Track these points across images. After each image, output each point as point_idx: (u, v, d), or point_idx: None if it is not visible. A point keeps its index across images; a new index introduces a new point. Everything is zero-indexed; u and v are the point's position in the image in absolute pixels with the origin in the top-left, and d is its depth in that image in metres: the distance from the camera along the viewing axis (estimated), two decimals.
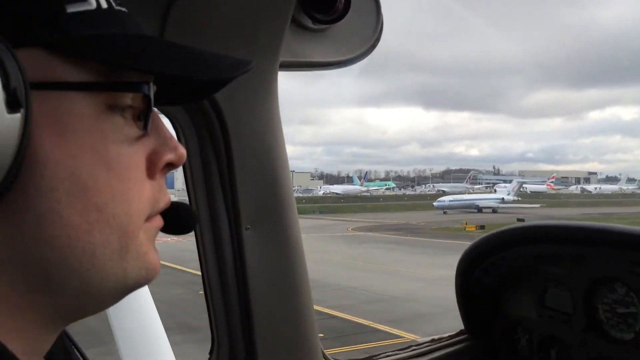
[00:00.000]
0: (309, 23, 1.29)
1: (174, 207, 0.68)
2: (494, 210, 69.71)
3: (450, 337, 1.77)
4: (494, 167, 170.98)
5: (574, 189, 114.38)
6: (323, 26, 1.32)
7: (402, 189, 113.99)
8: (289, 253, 1.35)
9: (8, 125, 0.48)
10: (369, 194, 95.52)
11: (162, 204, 0.65)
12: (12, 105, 0.49)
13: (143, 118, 0.59)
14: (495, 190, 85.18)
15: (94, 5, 0.58)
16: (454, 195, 79.73)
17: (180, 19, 1.13)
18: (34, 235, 0.54)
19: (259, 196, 1.31)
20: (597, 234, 1.41)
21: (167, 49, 0.63)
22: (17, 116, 0.49)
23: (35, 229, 0.54)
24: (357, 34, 1.41)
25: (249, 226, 1.30)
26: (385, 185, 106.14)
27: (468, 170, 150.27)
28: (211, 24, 1.17)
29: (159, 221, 0.65)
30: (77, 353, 0.76)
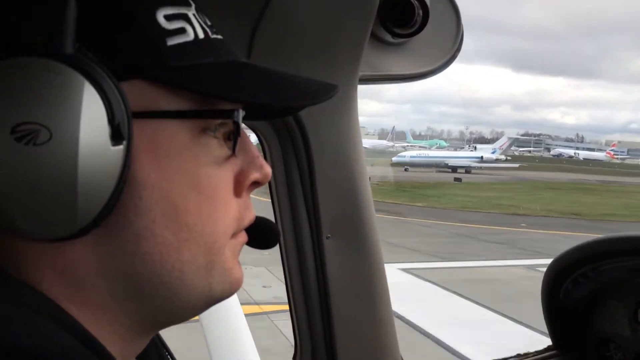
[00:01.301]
0: (388, 37, 1.32)
1: (258, 222, 0.72)
2: (467, 171, 62.71)
3: (538, 352, 1.72)
4: (577, 135, 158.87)
5: None
6: (402, 40, 1.33)
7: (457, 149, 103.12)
8: (368, 260, 1.38)
9: (112, 156, 0.54)
10: (394, 149, 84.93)
11: (247, 221, 0.69)
12: (116, 138, 0.54)
13: (232, 140, 0.63)
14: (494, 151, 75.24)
15: (192, 36, 0.62)
16: (420, 151, 70.18)
17: (265, 42, 1.19)
18: (131, 251, 0.59)
19: (339, 206, 1.35)
20: None
21: (257, 76, 0.67)
22: (120, 148, 0.54)
23: (133, 246, 0.59)
24: (437, 45, 1.41)
25: (329, 235, 1.35)
26: (437, 144, 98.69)
27: (538, 135, 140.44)
28: (293, 44, 1.23)
29: (243, 237, 0.69)
30: (169, 356, 0.82)
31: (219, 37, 0.67)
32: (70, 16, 0.53)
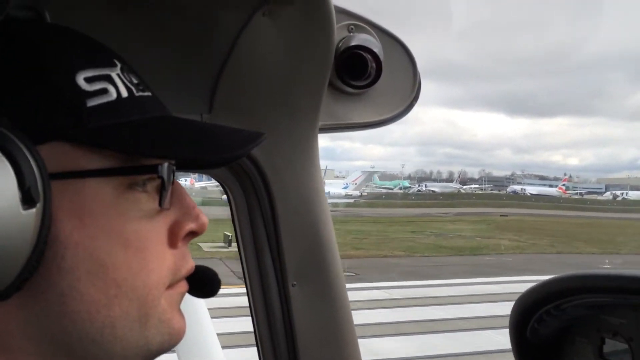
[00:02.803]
0: (346, 88, 1.36)
1: (199, 271, 0.73)
2: None
3: None
4: (564, 174, 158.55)
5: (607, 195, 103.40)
6: (360, 90, 1.38)
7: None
8: (335, 306, 1.39)
9: (25, 220, 0.54)
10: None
11: (185, 271, 0.69)
12: (27, 202, 0.54)
13: (162, 196, 0.64)
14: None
15: (114, 96, 0.63)
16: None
17: (227, 94, 1.23)
18: (58, 311, 0.59)
19: (304, 252, 1.37)
20: None
21: (181, 130, 0.69)
22: (32, 211, 0.54)
23: (58, 306, 0.59)
24: (395, 94, 1.47)
25: (295, 282, 1.37)
26: (399, 184, 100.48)
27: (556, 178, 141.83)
28: (255, 95, 1.27)
29: (182, 287, 0.70)
30: None
31: (147, 94, 0.69)
32: None
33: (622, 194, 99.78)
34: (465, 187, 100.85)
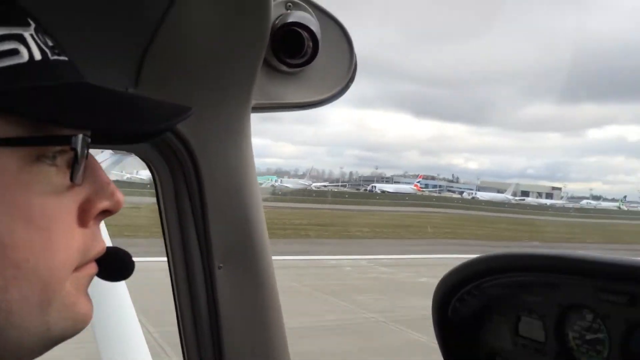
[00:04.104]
0: (281, 66, 1.32)
1: (111, 253, 0.68)
2: None
3: None
4: (452, 175, 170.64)
5: (466, 195, 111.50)
6: (295, 69, 1.35)
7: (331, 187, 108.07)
8: (262, 290, 1.38)
9: None
10: None
11: (95, 253, 0.64)
12: None
13: (71, 168, 0.59)
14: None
15: (25, 57, 0.57)
16: None
17: (153, 70, 1.17)
18: None
19: (232, 234, 1.34)
20: (565, 262, 1.46)
21: (100, 99, 0.63)
22: None
23: None
24: (331, 74, 1.45)
25: (221, 264, 1.34)
26: (269, 179, 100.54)
27: (433, 178, 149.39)
28: (183, 72, 1.21)
29: (91, 269, 0.65)
30: None
31: (63, 58, 0.63)
32: None
33: (471, 193, 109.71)
34: (317, 184, 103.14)
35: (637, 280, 1.33)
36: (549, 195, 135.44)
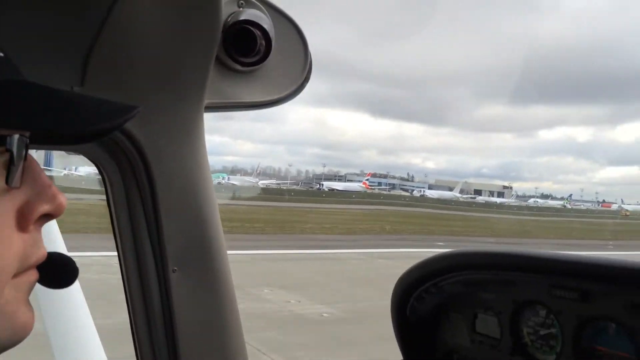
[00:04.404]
0: (235, 65, 1.30)
1: (53, 259, 0.64)
2: None
3: None
4: (408, 174, 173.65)
5: (417, 192, 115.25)
6: (249, 68, 1.32)
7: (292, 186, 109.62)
8: (218, 294, 1.35)
9: None
10: None
11: (35, 259, 0.61)
12: None
13: (10, 172, 0.56)
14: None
15: None
16: None
17: (100, 70, 1.13)
18: None
19: (186, 237, 1.31)
20: (520, 260, 1.49)
21: (40, 98, 0.60)
22: None
23: None
24: (285, 74, 1.43)
25: (175, 268, 1.30)
26: (220, 176, 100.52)
27: (385, 176, 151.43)
28: (134, 69, 1.17)
29: (32, 275, 0.61)
30: None
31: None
32: None
33: (421, 191, 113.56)
34: (263, 182, 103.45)
35: (588, 276, 1.36)
36: (501, 194, 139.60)
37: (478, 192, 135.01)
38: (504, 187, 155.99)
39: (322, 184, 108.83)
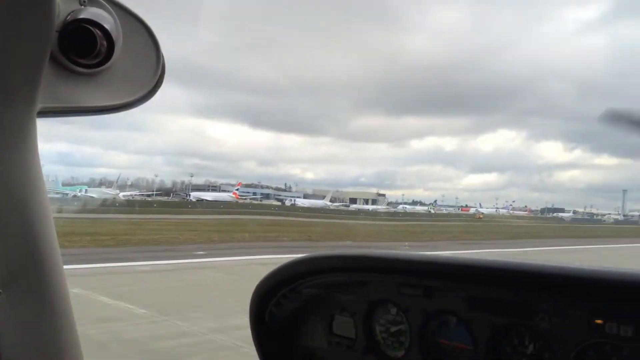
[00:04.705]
0: (73, 67, 1.22)
1: None
2: None
3: None
4: (285, 184, 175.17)
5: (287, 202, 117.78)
6: (90, 70, 1.25)
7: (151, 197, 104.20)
8: (54, 318, 1.23)
9: None
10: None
11: None
12: None
13: None
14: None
15: None
16: None
17: None
18: None
19: (15, 255, 1.18)
20: (371, 261, 1.56)
21: None
22: None
23: None
24: (133, 77, 1.36)
25: (1, 290, 1.16)
26: (79, 189, 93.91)
27: (259, 186, 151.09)
28: None
29: None
30: None
31: None
32: None
33: (292, 200, 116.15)
34: (126, 193, 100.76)
35: (430, 274, 1.45)
36: (375, 202, 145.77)
37: (353, 201, 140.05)
38: (378, 194, 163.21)
39: (190, 195, 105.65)
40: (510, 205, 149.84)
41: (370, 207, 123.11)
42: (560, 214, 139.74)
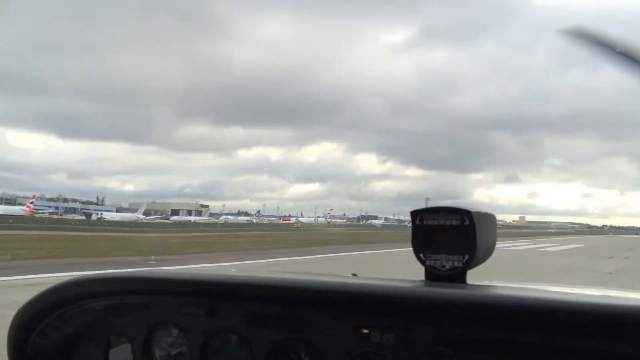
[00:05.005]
0: None
1: None
2: None
3: None
4: (97, 197, 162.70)
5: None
6: None
7: None
8: None
9: None
10: None
11: None
12: None
13: None
14: None
15: None
16: None
17: None
18: None
19: None
20: (148, 283, 1.45)
21: None
22: None
23: None
24: None
25: None
26: None
27: (58, 199, 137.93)
28: None
29: None
30: None
31: None
32: None
33: (98, 214, 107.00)
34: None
35: (211, 293, 1.40)
36: (198, 213, 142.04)
37: (175, 212, 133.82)
38: (201, 205, 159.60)
39: None
40: (329, 213, 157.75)
41: (192, 218, 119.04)
42: (373, 221, 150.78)
